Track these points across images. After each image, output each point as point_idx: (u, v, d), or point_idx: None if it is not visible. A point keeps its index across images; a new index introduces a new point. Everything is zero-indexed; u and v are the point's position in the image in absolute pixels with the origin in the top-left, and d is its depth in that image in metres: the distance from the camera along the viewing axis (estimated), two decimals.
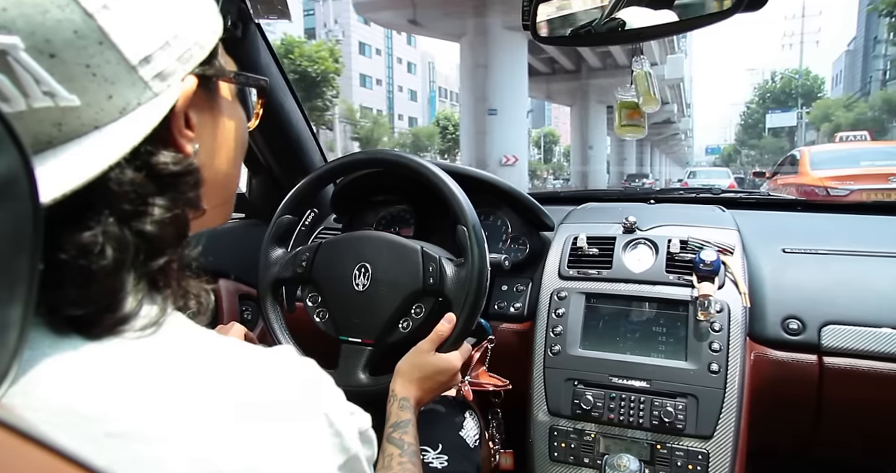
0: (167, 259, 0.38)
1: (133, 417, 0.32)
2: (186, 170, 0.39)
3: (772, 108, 39.06)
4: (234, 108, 0.49)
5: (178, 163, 0.39)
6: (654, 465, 0.94)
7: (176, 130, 0.39)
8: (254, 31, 1.14)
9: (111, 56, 0.34)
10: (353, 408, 0.41)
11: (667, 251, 1.07)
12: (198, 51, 0.40)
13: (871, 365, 0.93)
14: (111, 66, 0.34)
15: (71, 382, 0.32)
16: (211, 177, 0.45)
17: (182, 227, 0.40)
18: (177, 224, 0.38)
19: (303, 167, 1.36)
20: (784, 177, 7.34)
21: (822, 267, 1.04)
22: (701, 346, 0.96)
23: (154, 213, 0.37)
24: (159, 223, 0.37)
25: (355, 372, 0.89)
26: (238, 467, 0.33)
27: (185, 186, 0.39)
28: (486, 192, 1.17)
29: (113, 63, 0.34)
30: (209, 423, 0.33)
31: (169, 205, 0.38)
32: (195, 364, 0.36)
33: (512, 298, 1.16)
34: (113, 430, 0.31)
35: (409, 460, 0.72)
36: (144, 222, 0.36)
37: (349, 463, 0.38)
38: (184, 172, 0.39)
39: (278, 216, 0.99)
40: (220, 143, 0.47)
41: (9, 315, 0.26)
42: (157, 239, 0.36)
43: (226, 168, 0.48)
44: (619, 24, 0.91)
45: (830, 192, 5.76)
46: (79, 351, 0.33)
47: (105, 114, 0.35)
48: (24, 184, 0.26)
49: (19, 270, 0.26)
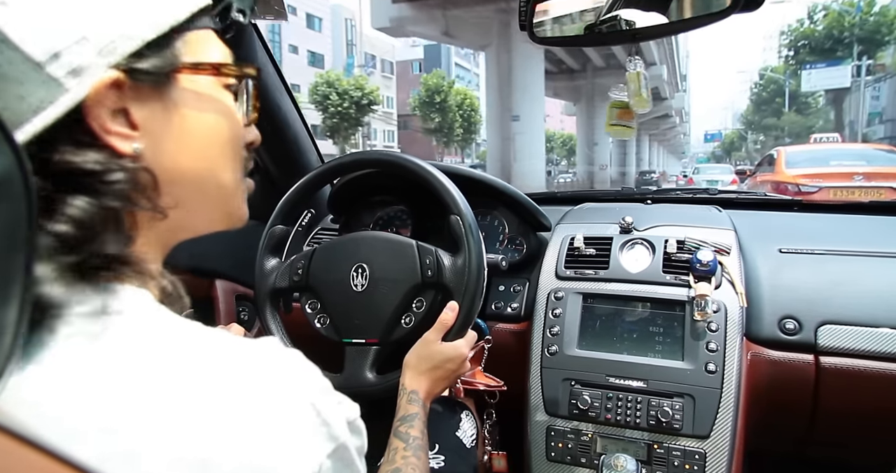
0: (83, 256, 0.36)
1: (117, 410, 0.32)
2: (107, 169, 0.37)
3: (810, 63, 25.52)
4: (208, 102, 0.45)
5: (97, 162, 0.37)
6: (651, 465, 0.94)
7: (98, 128, 0.37)
8: (250, 31, 1.14)
9: (13, 56, 0.33)
10: (340, 398, 0.40)
11: (663, 251, 1.07)
12: (124, 43, 0.37)
13: (868, 365, 0.93)
14: (15, 66, 0.33)
15: (53, 377, 0.32)
16: (173, 175, 0.42)
17: (106, 225, 0.37)
18: (98, 221, 0.37)
19: (300, 168, 1.36)
20: (763, 174, 7.84)
21: (819, 267, 1.04)
22: (698, 346, 0.96)
23: (66, 212, 0.35)
24: (72, 221, 0.35)
25: (362, 372, 0.89)
26: (224, 457, 0.32)
27: (109, 185, 0.37)
28: (482, 193, 1.17)
29: (17, 62, 0.33)
30: (193, 414, 0.33)
31: (89, 203, 0.36)
32: (179, 355, 0.36)
33: (509, 298, 1.16)
34: (98, 423, 0.31)
35: (413, 454, 0.71)
36: (51, 221, 0.35)
37: (338, 452, 0.38)
38: (103, 171, 0.37)
39: (270, 226, 0.99)
40: (182, 139, 0.43)
41: (4, 316, 0.26)
42: (72, 237, 0.35)
43: (193, 165, 0.44)
44: (616, 25, 0.91)
45: (801, 189, 6.16)
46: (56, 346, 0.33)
47: (18, 114, 0.34)
48: (19, 183, 0.26)
49: (14, 270, 0.26)
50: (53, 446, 0.24)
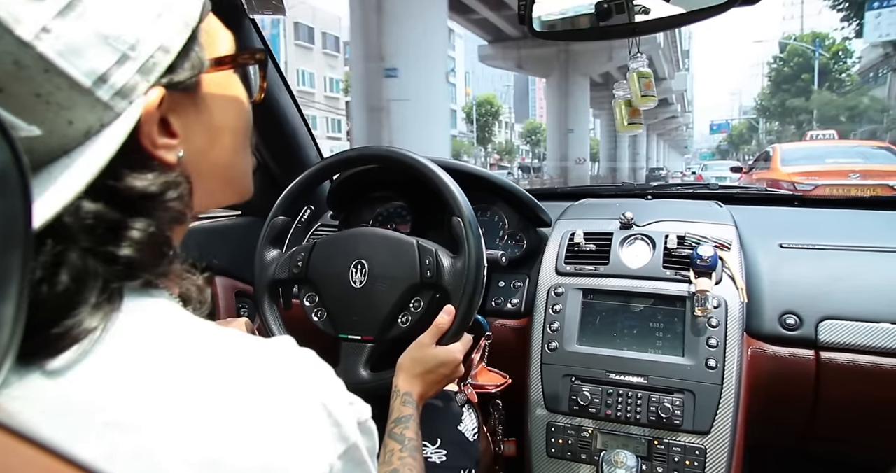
0: (146, 276, 0.37)
1: (130, 406, 0.32)
2: (165, 189, 0.38)
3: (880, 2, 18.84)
4: (227, 96, 0.45)
5: (154, 183, 0.37)
6: (651, 461, 0.94)
7: (149, 144, 0.37)
8: (248, 26, 1.13)
9: (60, 82, 0.33)
10: (352, 398, 0.40)
11: (664, 247, 1.07)
12: (162, 56, 0.37)
13: (868, 360, 0.93)
14: (63, 92, 0.33)
15: (65, 372, 0.32)
16: (206, 172, 0.43)
17: (162, 244, 0.38)
18: (157, 242, 0.37)
19: (299, 164, 1.36)
20: (758, 172, 7.84)
21: (820, 263, 1.04)
22: (698, 342, 0.96)
23: (130, 236, 0.35)
24: (135, 245, 0.35)
25: (356, 369, 0.89)
26: (235, 456, 0.32)
27: (166, 204, 0.38)
28: (482, 188, 1.17)
29: (64, 88, 0.33)
30: (207, 412, 0.33)
31: (148, 225, 0.36)
32: (193, 354, 0.36)
33: (509, 294, 1.15)
34: (110, 420, 0.31)
35: (409, 455, 0.72)
36: (117, 246, 0.35)
37: (349, 453, 0.38)
38: (161, 191, 0.37)
39: (272, 217, 0.99)
40: (214, 138, 0.44)
41: (1, 312, 0.26)
42: (132, 260, 0.35)
43: (224, 160, 0.46)
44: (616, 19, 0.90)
45: (797, 187, 6.08)
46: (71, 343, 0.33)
47: (70, 139, 0.34)
48: (15, 180, 0.26)
49: (11, 267, 0.26)
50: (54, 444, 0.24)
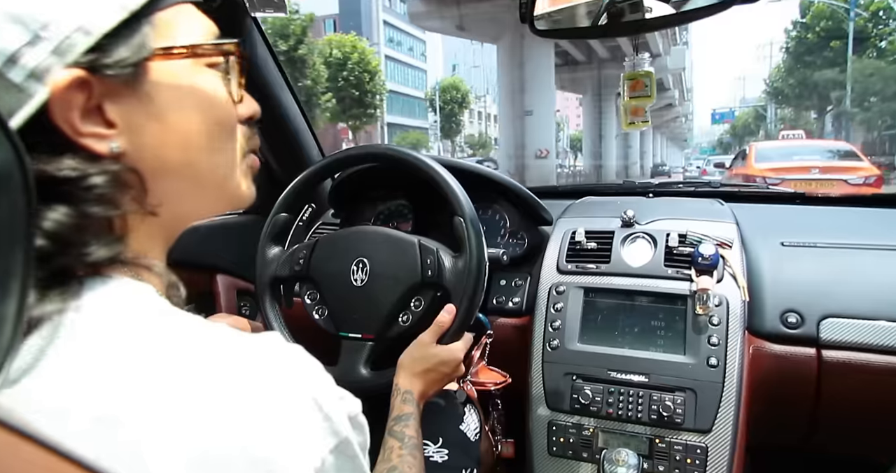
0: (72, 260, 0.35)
1: (119, 401, 0.32)
2: (84, 175, 0.35)
3: None
4: (187, 89, 0.41)
5: (74, 168, 0.35)
6: (652, 459, 0.94)
7: (69, 130, 0.35)
8: (250, 25, 1.13)
9: None
10: (342, 393, 0.40)
11: (665, 245, 1.07)
12: (81, 37, 0.35)
13: (870, 359, 0.93)
14: None
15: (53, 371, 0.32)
16: (162, 170, 0.41)
17: (90, 232, 0.36)
18: (81, 229, 0.35)
19: (300, 162, 1.36)
20: (737, 168, 8.62)
21: (821, 261, 1.04)
22: (699, 340, 0.96)
23: (41, 226, 0.33)
24: (48, 235, 0.34)
25: (357, 367, 0.89)
26: (226, 451, 0.32)
27: (88, 191, 0.36)
28: (483, 187, 1.17)
29: None
30: (195, 407, 0.33)
31: (66, 212, 0.34)
32: (182, 349, 0.35)
33: (510, 293, 1.15)
34: (99, 415, 0.31)
35: (409, 453, 0.72)
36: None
37: (340, 447, 0.38)
38: (81, 177, 0.35)
39: (274, 214, 0.99)
40: (167, 133, 0.41)
41: (3, 309, 0.26)
42: (48, 251, 0.34)
43: (182, 158, 0.42)
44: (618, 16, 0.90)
45: (767, 181, 6.67)
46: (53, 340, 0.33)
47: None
48: (18, 177, 0.26)
49: (13, 264, 0.26)
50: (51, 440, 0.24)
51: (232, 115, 0.46)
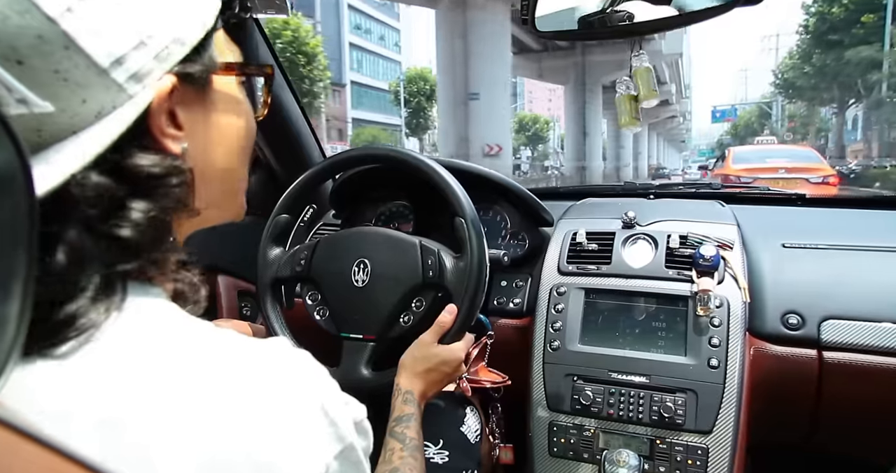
0: (141, 261, 0.38)
1: (124, 405, 0.32)
2: (168, 173, 0.38)
3: None
4: (234, 101, 0.47)
5: (159, 165, 0.38)
6: (653, 460, 0.94)
7: (157, 131, 0.38)
8: (252, 26, 1.13)
9: (79, 60, 0.33)
10: (347, 399, 0.41)
11: (666, 246, 1.07)
12: (177, 48, 0.38)
13: (871, 360, 0.93)
14: (81, 71, 0.34)
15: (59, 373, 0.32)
16: (206, 174, 0.44)
17: (162, 229, 0.39)
18: (157, 226, 0.38)
19: (302, 163, 1.36)
20: (717, 169, 9.73)
21: (822, 262, 1.04)
22: (700, 341, 0.96)
23: (130, 217, 0.36)
24: (136, 226, 0.36)
25: (358, 368, 0.89)
26: (232, 455, 0.33)
27: (168, 188, 0.39)
28: (484, 188, 1.17)
29: (82, 67, 0.34)
30: (201, 412, 0.33)
31: (149, 207, 0.37)
32: (189, 354, 0.36)
33: (511, 294, 1.15)
34: (103, 418, 0.31)
35: (410, 454, 0.72)
36: (117, 226, 0.36)
37: (345, 453, 0.38)
38: (165, 174, 0.38)
39: (275, 215, 0.99)
40: (216, 139, 0.45)
41: (6, 310, 0.26)
42: (131, 242, 0.36)
43: (223, 164, 0.46)
44: (620, 19, 0.90)
45: (741, 180, 7.53)
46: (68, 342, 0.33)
47: (80, 118, 0.35)
48: (21, 178, 0.26)
49: (17, 265, 0.26)
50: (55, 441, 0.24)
51: (255, 128, 0.51)
